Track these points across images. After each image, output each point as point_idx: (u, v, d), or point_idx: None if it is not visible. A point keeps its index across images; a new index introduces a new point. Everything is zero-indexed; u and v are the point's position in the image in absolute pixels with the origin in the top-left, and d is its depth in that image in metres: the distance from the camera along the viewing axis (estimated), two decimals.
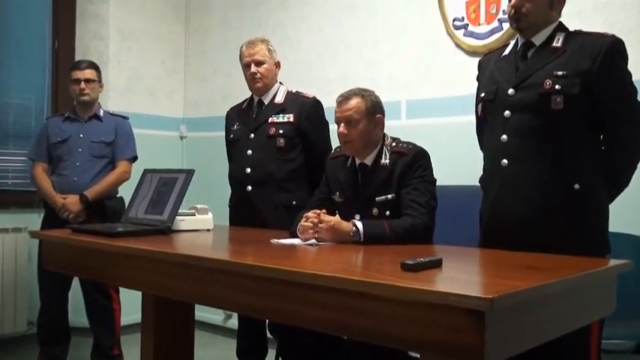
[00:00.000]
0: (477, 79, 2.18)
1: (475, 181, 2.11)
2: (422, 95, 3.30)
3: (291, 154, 2.71)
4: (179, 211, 2.37)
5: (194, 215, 2.45)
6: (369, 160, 2.21)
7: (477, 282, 1.46)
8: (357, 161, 2.24)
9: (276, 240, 2.04)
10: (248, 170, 2.72)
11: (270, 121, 2.73)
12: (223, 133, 2.95)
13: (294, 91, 2.83)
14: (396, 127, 3.17)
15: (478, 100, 2.10)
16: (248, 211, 2.71)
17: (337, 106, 2.18)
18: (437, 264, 1.50)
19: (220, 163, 3.18)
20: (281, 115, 2.73)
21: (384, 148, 2.21)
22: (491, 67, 2.06)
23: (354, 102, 2.15)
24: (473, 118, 2.18)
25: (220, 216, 2.75)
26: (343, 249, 1.90)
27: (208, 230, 2.45)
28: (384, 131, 2.26)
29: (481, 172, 2.10)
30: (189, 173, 2.42)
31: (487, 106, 2.04)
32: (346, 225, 1.99)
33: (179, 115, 4.51)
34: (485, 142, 2.10)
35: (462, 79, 3.12)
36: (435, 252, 1.94)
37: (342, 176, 2.28)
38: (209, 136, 4.29)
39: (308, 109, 2.75)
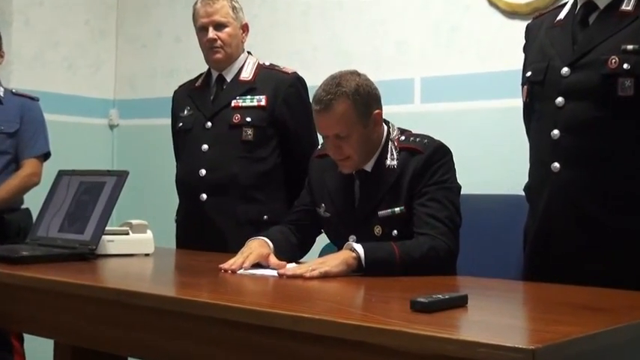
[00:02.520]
0: (524, 51, 2.20)
1: (516, 190, 2.14)
2: (443, 71, 3.31)
3: (261, 151, 2.73)
4: (107, 228, 2.37)
5: (127, 234, 2.45)
6: (369, 165, 2.22)
7: (514, 327, 1.46)
8: None
9: (244, 270, 2.05)
10: (202, 172, 2.73)
11: (233, 104, 2.74)
12: (169, 121, 2.96)
13: (266, 63, 2.85)
14: (407, 114, 3.20)
15: (524, 80, 2.14)
16: (202, 228, 2.73)
17: (316, 116, 2.16)
18: (460, 302, 1.51)
19: (165, 162, 3.18)
20: (249, 97, 2.75)
21: (390, 144, 2.22)
22: (541, 37, 2.09)
23: (340, 110, 2.11)
24: (512, 103, 2.22)
25: (164, 235, 2.75)
26: (335, 282, 1.90)
27: (147, 255, 2.45)
28: (387, 119, 2.28)
29: (526, 178, 2.12)
30: (122, 176, 2.42)
31: (534, 90, 2.06)
32: (341, 252, 2.01)
33: (108, 95, 4.52)
34: (532, 137, 2.12)
35: (498, 48, 3.15)
36: (459, 286, 1.94)
37: (331, 182, 2.30)
38: (149, 125, 4.30)
39: (286, 88, 2.77)
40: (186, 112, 2.86)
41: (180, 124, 2.86)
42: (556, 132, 1.95)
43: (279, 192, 2.77)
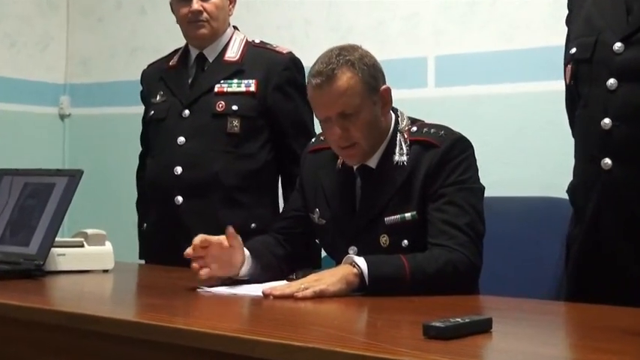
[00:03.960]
0: (567, 23, 2.20)
1: (552, 191, 2.14)
2: (461, 48, 3.32)
3: (249, 146, 2.75)
4: (57, 239, 2.37)
5: (82, 247, 2.45)
6: (373, 161, 2.23)
7: (548, 357, 1.46)
8: None
9: (223, 289, 2.05)
10: (178, 170, 2.73)
11: (217, 89, 2.76)
12: (131, 110, 2.95)
13: (256, 41, 2.87)
14: (419, 100, 3.20)
15: (567, 57, 2.14)
16: (176, 238, 2.66)
17: (314, 93, 2.16)
18: (483, 327, 1.51)
19: (127, 158, 3.17)
20: (236, 81, 2.77)
21: (398, 136, 2.23)
22: (588, 6, 2.09)
23: (345, 79, 2.13)
24: (547, 86, 2.23)
25: (126, 247, 2.76)
26: (333, 303, 1.89)
27: (106, 271, 2.45)
28: (395, 107, 2.28)
29: (569, 177, 2.12)
30: (75, 176, 2.42)
31: (580, 70, 2.07)
32: (340, 267, 2.01)
33: (58, 79, 4.51)
34: (576, 128, 2.13)
35: (529, 20, 3.14)
36: (481, 307, 1.94)
37: (327, 182, 2.31)
38: (107, 115, 4.30)
39: (280, 72, 2.78)
40: (158, 97, 2.87)
41: (152, 112, 2.88)
42: (607, 121, 1.95)
43: (270, 195, 2.80)
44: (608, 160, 1.94)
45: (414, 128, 2.22)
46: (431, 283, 1.98)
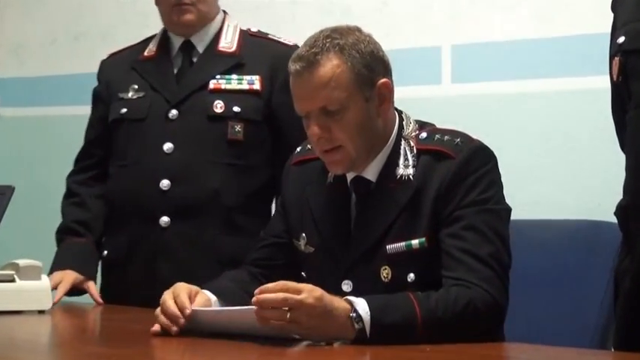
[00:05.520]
0: (612, 9, 2.21)
1: (600, 213, 2.12)
2: (485, 35, 3.34)
3: (254, 157, 2.79)
4: None
5: (13, 281, 2.44)
6: (372, 171, 2.21)
7: None
8: (350, 174, 2.25)
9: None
10: (165, 184, 2.75)
11: (213, 85, 2.79)
12: (74, 110, 2.92)
13: (253, 30, 2.91)
14: (431, 100, 3.21)
15: (613, 49, 2.15)
16: (156, 269, 2.74)
17: (295, 82, 2.16)
18: None
19: (70, 169, 3.15)
20: (236, 77, 2.81)
21: (403, 144, 2.21)
22: None
23: (328, 68, 2.11)
24: (596, 84, 2.20)
25: None
26: (324, 355, 1.88)
27: (42, 312, 2.44)
28: (400, 108, 2.27)
29: (618, 196, 2.12)
30: (4, 194, 2.42)
31: (630, 63, 2.06)
32: (338, 304, 1.97)
33: None
34: (628, 134, 2.13)
35: (564, 3, 3.16)
36: (508, 357, 1.93)
37: (316, 202, 2.30)
38: (45, 117, 4.29)
39: (287, 67, 2.78)
40: (132, 92, 2.86)
41: (124, 109, 2.86)
42: None
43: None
44: None
45: (423, 134, 2.21)
46: (448, 330, 1.95)
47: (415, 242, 2.12)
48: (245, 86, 2.77)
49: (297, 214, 2.33)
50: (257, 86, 2.77)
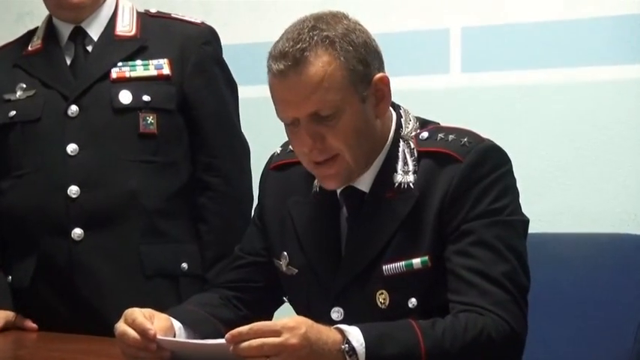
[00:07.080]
0: None
1: (635, 226, 2.10)
2: (500, 17, 3.34)
3: (172, 153, 2.83)
4: None
5: None
6: (365, 180, 2.20)
7: None
8: None
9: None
10: (73, 191, 2.75)
11: (116, 75, 2.83)
12: None
13: (152, 11, 2.96)
14: (437, 91, 3.20)
15: None
16: (71, 289, 2.73)
17: (275, 84, 2.12)
18: None
19: None
20: (140, 62, 2.85)
21: (401, 145, 2.19)
22: None
23: (319, 67, 2.08)
24: (622, 73, 2.17)
25: None
26: None
27: None
28: (398, 102, 2.25)
29: None
30: None
31: None
32: (327, 337, 1.94)
33: None
34: None
35: None
36: None
37: (300, 214, 2.29)
38: None
39: (199, 47, 2.85)
40: (20, 92, 2.87)
41: (12, 112, 2.85)
42: None
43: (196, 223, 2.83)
44: None
45: (425, 134, 2.19)
46: None
47: (416, 261, 2.12)
48: (153, 72, 2.81)
49: (277, 228, 2.31)
50: (166, 71, 2.81)
